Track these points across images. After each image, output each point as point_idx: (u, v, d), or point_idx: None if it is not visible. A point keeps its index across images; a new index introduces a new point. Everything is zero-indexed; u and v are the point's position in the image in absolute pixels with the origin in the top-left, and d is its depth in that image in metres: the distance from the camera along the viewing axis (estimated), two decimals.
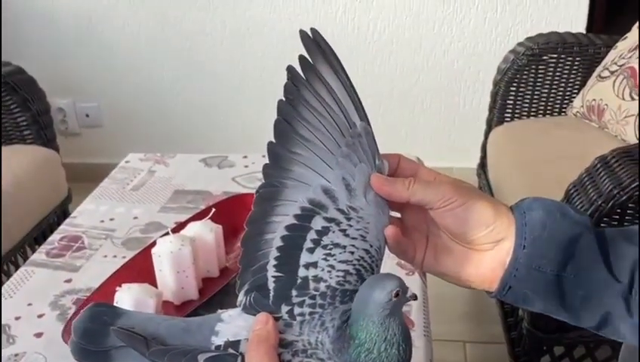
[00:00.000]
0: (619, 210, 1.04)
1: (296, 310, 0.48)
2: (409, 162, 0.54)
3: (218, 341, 0.49)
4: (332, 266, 0.49)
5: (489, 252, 0.51)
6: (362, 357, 0.45)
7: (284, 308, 0.49)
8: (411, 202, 0.51)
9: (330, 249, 0.50)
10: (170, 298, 0.91)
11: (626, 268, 0.48)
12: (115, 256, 1.06)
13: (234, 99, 2.56)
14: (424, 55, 2.42)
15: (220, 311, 0.51)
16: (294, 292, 0.49)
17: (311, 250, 0.50)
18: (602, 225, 1.05)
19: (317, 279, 0.49)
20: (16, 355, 0.84)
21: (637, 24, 1.74)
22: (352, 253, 0.50)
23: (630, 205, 1.03)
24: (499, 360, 1.65)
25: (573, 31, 2.00)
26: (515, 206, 0.52)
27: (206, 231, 0.96)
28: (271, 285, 0.50)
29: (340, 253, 0.50)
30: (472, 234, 0.50)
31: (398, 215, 0.55)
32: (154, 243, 0.94)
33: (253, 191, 0.52)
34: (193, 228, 0.97)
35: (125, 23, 2.48)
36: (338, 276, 0.49)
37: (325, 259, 0.50)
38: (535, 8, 2.25)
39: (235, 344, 0.48)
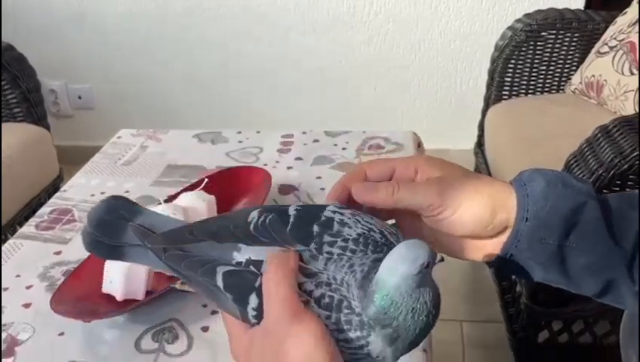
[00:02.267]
0: (619, 180, 1.02)
1: (325, 248, 0.45)
2: (405, 170, 0.51)
3: (240, 257, 0.46)
4: (358, 220, 0.46)
5: (491, 239, 0.49)
6: (385, 321, 0.42)
7: (312, 243, 0.45)
8: (398, 208, 0.49)
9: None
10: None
11: (630, 235, 0.47)
12: None
13: (229, 80, 2.53)
14: (420, 35, 2.39)
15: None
16: (316, 228, 0.46)
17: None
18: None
19: (342, 223, 0.46)
20: (4, 325, 0.81)
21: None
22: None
23: (631, 174, 1.01)
24: (495, 339, 1.64)
25: (572, 7, 1.97)
26: (515, 179, 0.49)
27: (199, 202, 0.94)
28: (292, 212, 0.47)
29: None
30: (468, 234, 0.49)
31: (393, 221, 0.53)
32: None
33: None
34: (185, 198, 0.95)
35: (117, 2, 2.44)
36: (364, 228, 0.46)
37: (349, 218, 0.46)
38: None
39: (257, 263, 0.45)
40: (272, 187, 1.04)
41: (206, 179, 1.01)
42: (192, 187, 1.02)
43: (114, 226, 0.48)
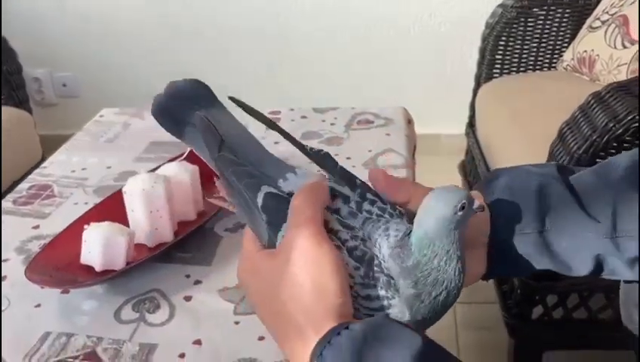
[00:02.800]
0: (615, 145, 1.00)
1: (366, 206, 0.45)
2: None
3: (285, 187, 0.46)
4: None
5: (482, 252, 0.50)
6: (422, 267, 0.41)
7: (357, 190, 0.45)
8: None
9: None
10: (143, 240, 0.86)
11: (605, 208, 0.47)
12: (86, 203, 1.00)
13: (215, 64, 2.49)
14: (411, 19, 2.37)
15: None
16: (359, 181, 0.46)
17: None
18: (598, 160, 1.01)
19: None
20: None
21: None
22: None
23: (627, 138, 0.99)
24: (489, 321, 1.62)
25: None
26: (479, 184, 0.51)
27: (181, 172, 0.91)
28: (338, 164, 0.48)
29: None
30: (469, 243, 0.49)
31: None
32: None
33: None
34: (167, 168, 0.92)
35: None
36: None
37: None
38: None
39: None
40: None
41: (189, 149, 0.97)
42: (174, 160, 0.99)
43: (186, 104, 0.48)
